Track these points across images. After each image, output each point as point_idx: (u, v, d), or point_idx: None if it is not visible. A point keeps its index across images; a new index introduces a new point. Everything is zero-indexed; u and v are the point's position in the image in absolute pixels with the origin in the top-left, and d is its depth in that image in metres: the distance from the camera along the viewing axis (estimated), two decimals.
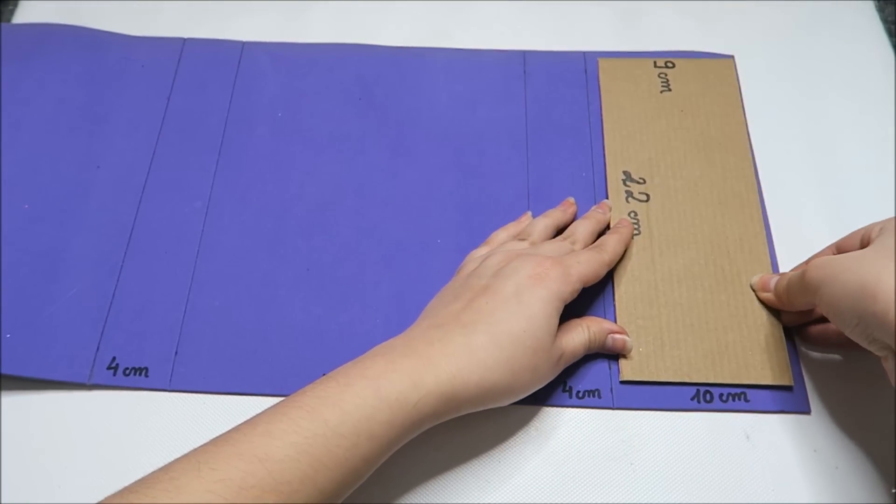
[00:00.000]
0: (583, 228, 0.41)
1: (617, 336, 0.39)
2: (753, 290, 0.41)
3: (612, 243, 0.40)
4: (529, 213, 0.44)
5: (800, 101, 0.49)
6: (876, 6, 0.54)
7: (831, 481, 0.36)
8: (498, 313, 0.34)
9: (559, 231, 0.42)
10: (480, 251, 0.41)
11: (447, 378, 0.32)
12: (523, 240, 0.41)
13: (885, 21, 0.53)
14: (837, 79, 0.50)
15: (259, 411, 0.31)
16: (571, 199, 0.44)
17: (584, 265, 0.37)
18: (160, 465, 0.37)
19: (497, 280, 0.35)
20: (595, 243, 0.40)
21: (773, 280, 0.39)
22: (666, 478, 0.36)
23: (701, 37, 0.52)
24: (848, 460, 0.37)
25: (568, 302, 0.36)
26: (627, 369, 0.39)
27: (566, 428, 0.38)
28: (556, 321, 0.35)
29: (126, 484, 0.29)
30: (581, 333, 0.38)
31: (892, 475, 0.36)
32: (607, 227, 0.43)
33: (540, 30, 0.52)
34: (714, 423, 0.38)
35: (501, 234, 0.42)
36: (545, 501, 0.36)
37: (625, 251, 0.41)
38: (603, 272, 0.39)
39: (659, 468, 0.37)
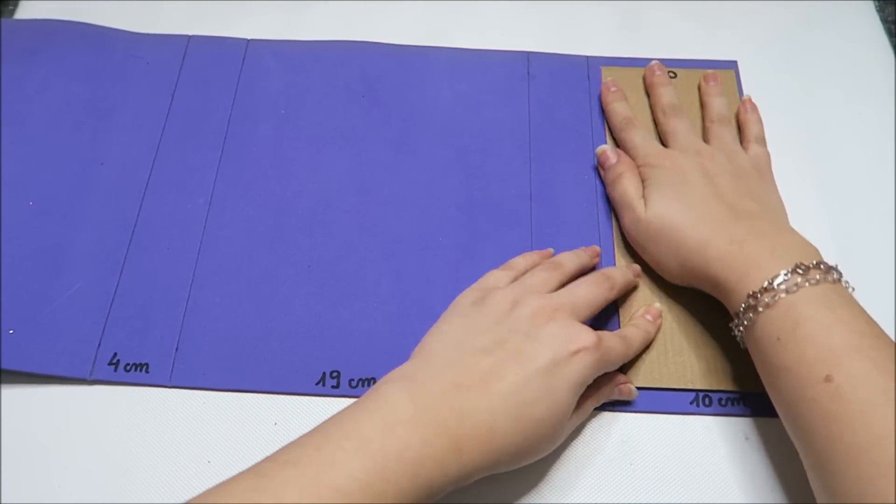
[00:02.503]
0: (618, 275, 0.39)
1: (623, 386, 0.38)
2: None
3: (637, 340, 0.38)
4: (552, 251, 0.42)
5: (799, 101, 0.49)
6: (876, 6, 0.54)
7: None
8: (525, 394, 0.32)
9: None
10: (501, 274, 0.39)
11: (467, 464, 0.31)
12: (551, 271, 0.38)
13: (884, 21, 0.53)
14: (837, 79, 0.50)
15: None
16: (598, 249, 0.42)
17: (614, 354, 0.36)
18: (160, 461, 0.37)
19: (532, 345, 0.33)
20: (622, 332, 0.38)
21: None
22: (665, 478, 0.37)
23: (702, 37, 0.52)
24: None
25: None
26: (631, 376, 0.39)
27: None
28: (575, 402, 0.34)
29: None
30: (592, 404, 0.37)
31: None
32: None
33: (541, 30, 0.53)
34: (714, 423, 0.38)
35: (522, 262, 0.40)
36: (545, 501, 0.36)
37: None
38: (619, 365, 0.37)
39: (659, 469, 0.37)
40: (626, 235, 0.42)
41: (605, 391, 0.37)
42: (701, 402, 0.39)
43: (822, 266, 0.33)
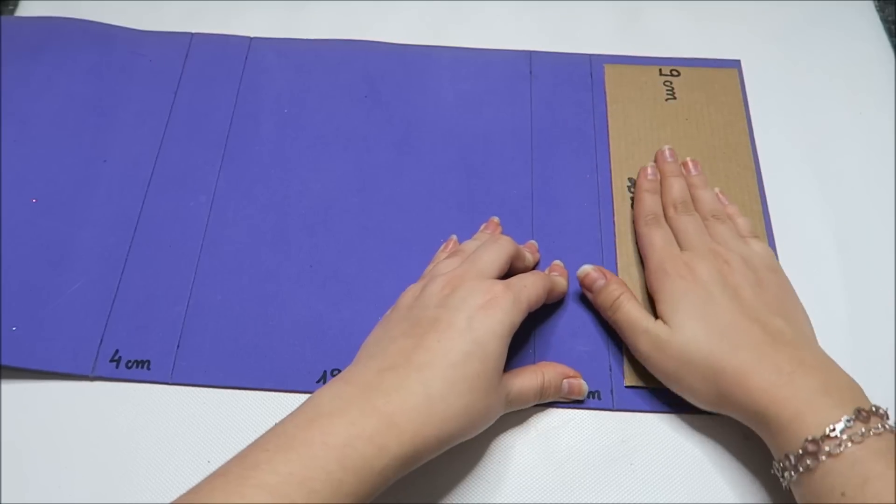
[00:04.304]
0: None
1: (573, 380, 0.38)
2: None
3: (556, 275, 0.40)
4: (455, 238, 0.43)
5: (799, 100, 0.49)
6: (876, 6, 0.54)
7: None
8: (452, 354, 0.32)
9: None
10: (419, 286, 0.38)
11: (409, 439, 0.30)
12: (454, 257, 0.39)
13: (884, 21, 0.53)
14: (837, 78, 0.50)
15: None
16: (496, 220, 0.44)
17: (531, 288, 0.36)
18: (159, 461, 0.37)
19: (447, 312, 0.34)
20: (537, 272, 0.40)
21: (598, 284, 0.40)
22: (665, 478, 0.37)
23: (702, 37, 0.52)
24: None
25: (517, 329, 0.35)
26: (632, 375, 0.39)
27: (566, 428, 0.38)
28: (505, 353, 0.34)
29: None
30: (533, 378, 0.37)
31: None
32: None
33: (543, 29, 0.53)
34: (713, 423, 0.38)
35: (433, 266, 0.40)
36: (545, 501, 0.36)
37: (562, 298, 0.41)
38: (545, 296, 0.37)
39: (658, 469, 0.37)
40: (645, 362, 0.38)
41: (550, 376, 0.37)
42: None
43: (879, 412, 0.31)
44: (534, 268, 0.42)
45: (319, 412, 0.30)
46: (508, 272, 0.38)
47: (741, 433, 0.38)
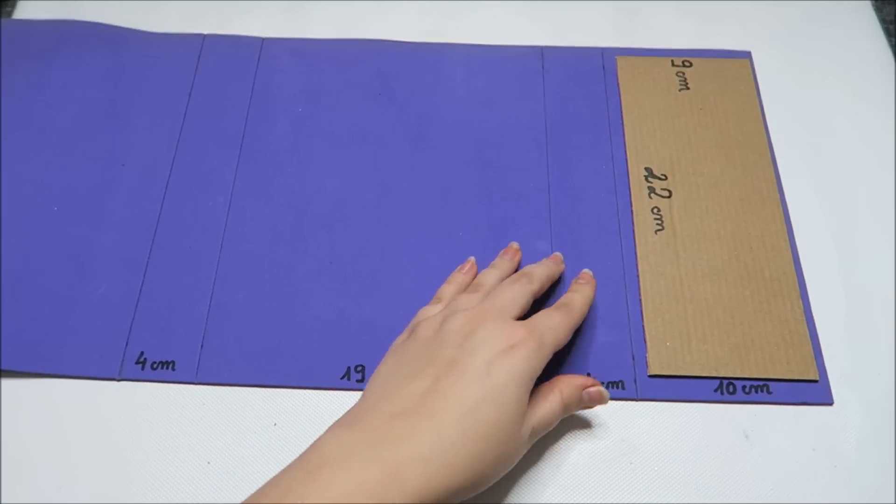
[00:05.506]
0: (540, 270, 0.39)
1: (592, 389, 0.36)
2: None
3: (578, 304, 0.38)
4: (473, 260, 0.42)
5: (797, 100, 0.49)
6: (874, 6, 0.54)
7: (830, 480, 0.36)
8: (469, 401, 0.31)
9: None
10: (433, 309, 0.38)
11: (415, 491, 0.29)
12: (475, 292, 0.38)
13: (882, 21, 0.53)
14: (835, 79, 0.50)
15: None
16: (516, 246, 0.42)
17: (555, 332, 0.35)
18: (159, 462, 0.36)
19: (465, 354, 0.32)
20: (562, 301, 0.38)
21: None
22: (665, 477, 0.36)
23: (700, 36, 0.52)
24: (847, 458, 0.37)
25: (539, 374, 0.33)
26: (656, 364, 0.39)
27: (566, 428, 0.38)
28: (527, 399, 0.33)
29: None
30: (553, 399, 0.35)
31: (891, 474, 0.37)
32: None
33: (553, 26, 0.53)
34: (713, 422, 0.38)
35: (450, 289, 0.39)
36: (545, 501, 0.36)
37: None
38: (570, 336, 0.36)
39: (658, 468, 0.37)
40: None
41: (568, 392, 0.35)
42: (725, 389, 0.39)
43: None
44: (559, 278, 0.42)
45: (323, 461, 0.29)
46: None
47: (741, 431, 0.38)
